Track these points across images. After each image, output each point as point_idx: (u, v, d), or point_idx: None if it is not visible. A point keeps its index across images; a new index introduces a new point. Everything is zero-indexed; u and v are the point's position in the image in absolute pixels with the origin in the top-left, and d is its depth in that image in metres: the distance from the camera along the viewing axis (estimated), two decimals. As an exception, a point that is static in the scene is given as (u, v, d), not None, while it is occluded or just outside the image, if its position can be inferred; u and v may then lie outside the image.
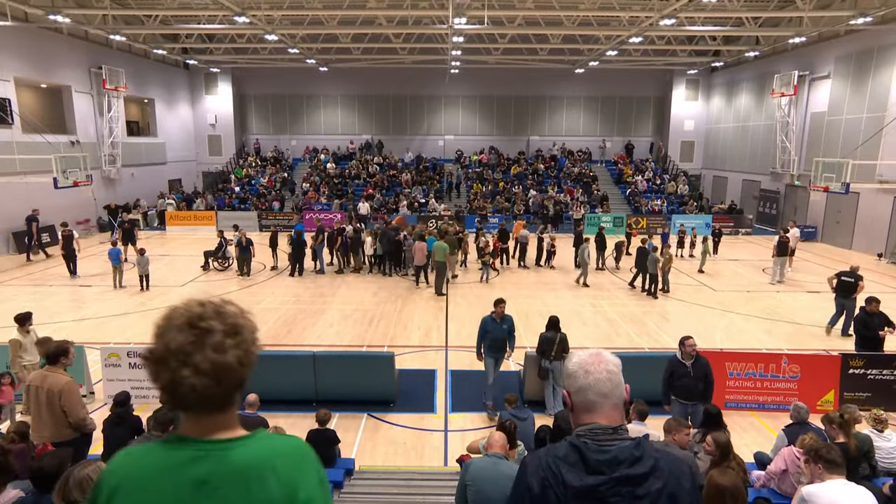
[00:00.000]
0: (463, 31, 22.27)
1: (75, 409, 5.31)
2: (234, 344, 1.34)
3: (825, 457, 3.88)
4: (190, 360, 1.29)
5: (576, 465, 1.72)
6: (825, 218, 24.09)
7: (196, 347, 1.30)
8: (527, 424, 6.35)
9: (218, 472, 1.29)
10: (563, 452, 1.75)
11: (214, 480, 1.28)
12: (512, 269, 18.90)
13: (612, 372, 1.81)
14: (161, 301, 14.65)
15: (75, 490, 3.15)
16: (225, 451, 1.31)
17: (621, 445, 1.72)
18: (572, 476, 1.70)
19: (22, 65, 21.41)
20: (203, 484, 1.28)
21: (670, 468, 1.73)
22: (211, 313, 1.36)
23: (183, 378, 1.28)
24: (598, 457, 1.70)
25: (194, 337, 1.31)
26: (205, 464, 1.29)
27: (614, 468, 1.69)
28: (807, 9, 19.78)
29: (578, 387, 1.81)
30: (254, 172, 32.63)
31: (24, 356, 8.06)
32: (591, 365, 1.82)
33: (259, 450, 1.34)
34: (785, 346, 11.24)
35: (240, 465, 1.30)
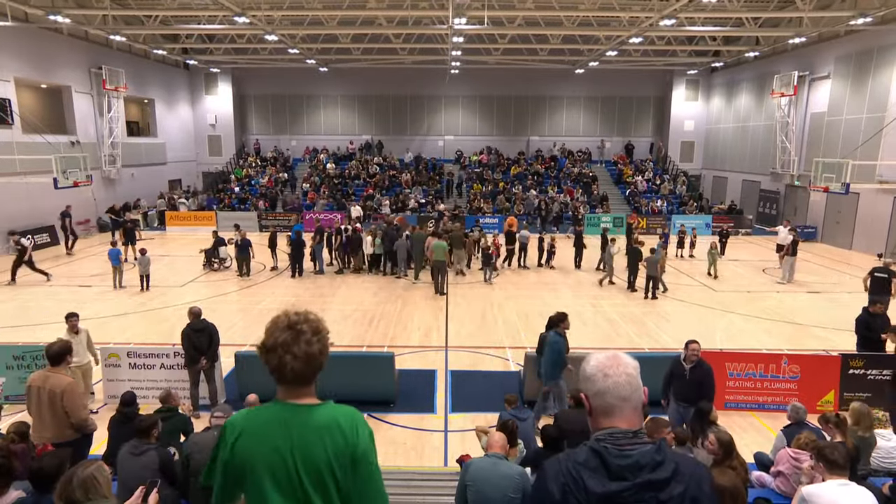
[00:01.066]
0: (463, 31, 22.27)
1: (77, 409, 5.31)
2: (317, 340, 1.99)
3: (828, 457, 3.88)
4: (290, 350, 1.92)
5: (597, 470, 1.69)
6: (825, 218, 24.09)
7: (294, 342, 1.93)
8: (527, 424, 6.35)
9: (305, 425, 1.94)
10: (584, 458, 1.73)
11: (306, 430, 1.93)
12: (513, 269, 18.90)
13: (630, 375, 1.79)
14: (161, 301, 14.65)
15: (79, 490, 3.15)
16: (308, 413, 1.96)
17: (642, 450, 1.70)
18: (594, 482, 1.68)
19: (22, 65, 21.41)
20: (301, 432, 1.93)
21: (691, 472, 1.71)
22: (302, 319, 2.00)
23: (286, 362, 1.92)
24: (620, 462, 1.68)
25: (292, 335, 1.95)
26: (298, 417, 1.95)
27: (637, 473, 1.67)
28: (807, 9, 19.78)
29: (597, 390, 1.79)
30: (254, 173, 32.63)
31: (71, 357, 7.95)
32: (610, 368, 1.79)
33: (329, 412, 1.99)
34: (785, 347, 11.24)
35: (318, 422, 1.95)
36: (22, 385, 7.71)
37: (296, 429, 1.94)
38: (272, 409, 2.00)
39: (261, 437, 1.95)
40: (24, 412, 5.81)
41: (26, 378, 6.05)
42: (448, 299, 15.22)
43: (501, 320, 13.38)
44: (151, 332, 12.14)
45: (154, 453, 4.78)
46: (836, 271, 18.78)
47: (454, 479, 5.77)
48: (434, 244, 15.95)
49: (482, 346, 11.59)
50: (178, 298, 14.92)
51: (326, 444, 1.92)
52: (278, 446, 1.92)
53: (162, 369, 8.81)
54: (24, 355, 8.79)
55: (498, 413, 6.78)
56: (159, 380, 8.75)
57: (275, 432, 1.94)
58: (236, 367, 8.87)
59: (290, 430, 1.94)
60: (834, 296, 15.61)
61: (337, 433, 1.94)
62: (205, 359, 8.22)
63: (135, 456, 4.73)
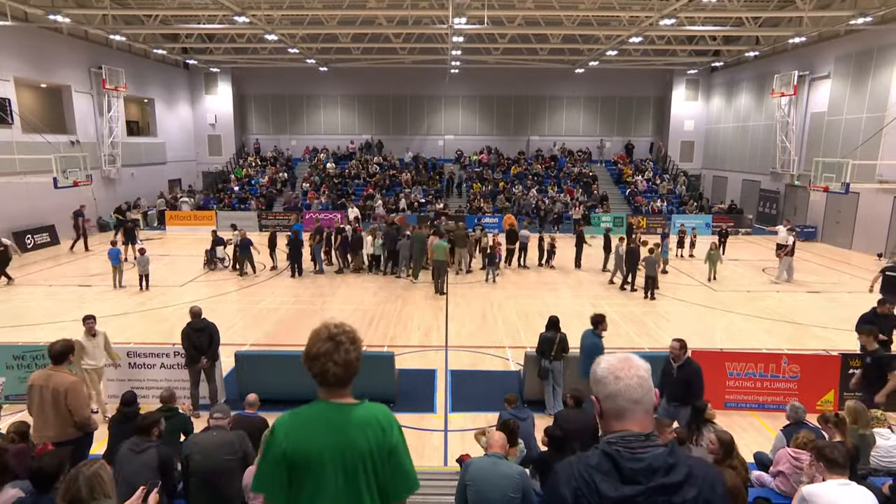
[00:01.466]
0: (463, 30, 22.26)
1: (80, 408, 5.32)
2: (353, 348, 2.26)
3: (828, 456, 3.87)
4: (332, 358, 2.21)
5: (609, 474, 1.68)
6: (825, 218, 24.10)
7: (335, 350, 2.22)
8: (527, 424, 6.35)
9: (346, 422, 2.23)
10: (596, 461, 1.71)
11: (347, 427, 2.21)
12: (513, 269, 18.90)
13: (642, 377, 1.77)
14: (161, 301, 14.65)
15: (84, 488, 3.15)
16: (349, 411, 2.25)
17: (655, 453, 1.68)
18: (607, 486, 1.66)
19: (22, 65, 21.40)
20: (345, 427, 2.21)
21: (703, 475, 1.70)
22: (340, 331, 2.27)
23: (329, 368, 2.21)
24: (632, 465, 1.66)
25: (333, 345, 2.23)
26: (340, 416, 2.24)
27: (650, 477, 1.65)
28: (807, 9, 19.78)
29: (608, 393, 1.77)
30: (254, 172, 32.61)
31: (86, 359, 8.00)
32: (622, 370, 1.77)
33: (368, 410, 2.29)
34: (785, 346, 11.24)
35: (360, 419, 2.24)
36: (22, 385, 7.72)
37: (340, 425, 2.23)
38: (316, 407, 2.28)
39: (309, 433, 2.22)
40: (25, 412, 5.80)
41: (26, 378, 6.05)
42: (448, 299, 15.22)
43: (501, 320, 13.38)
44: (151, 332, 12.14)
45: (154, 451, 4.77)
46: (837, 271, 18.78)
47: (454, 478, 5.77)
48: (435, 244, 15.96)
49: (482, 346, 11.60)
50: (178, 298, 14.92)
51: (368, 437, 2.22)
52: (326, 441, 2.20)
53: (162, 369, 8.82)
54: (24, 355, 8.79)
55: (498, 413, 6.78)
56: (159, 379, 8.75)
57: (321, 428, 2.23)
58: (236, 367, 8.87)
59: (335, 426, 2.23)
60: (834, 296, 15.61)
61: (377, 428, 2.25)
62: (205, 358, 8.22)
63: (135, 453, 4.73)
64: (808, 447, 5.01)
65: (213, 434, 4.68)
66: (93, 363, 8.06)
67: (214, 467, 4.44)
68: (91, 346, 8.08)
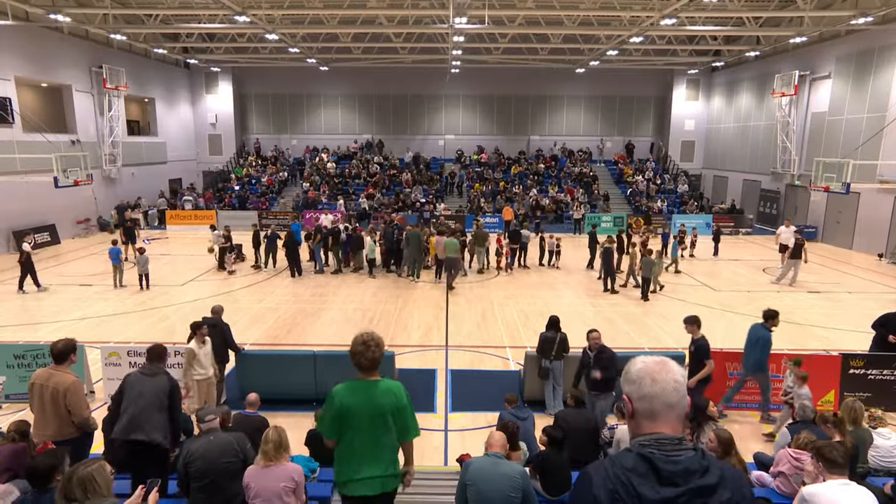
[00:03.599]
0: (463, 30, 22.26)
1: (80, 408, 5.31)
2: (377, 349, 3.73)
3: (827, 456, 3.88)
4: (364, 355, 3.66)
5: (647, 476, 1.67)
6: (825, 218, 24.08)
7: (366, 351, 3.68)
8: (527, 424, 6.36)
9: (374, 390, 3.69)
10: (632, 464, 1.70)
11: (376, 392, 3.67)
12: (515, 269, 18.90)
13: (678, 382, 1.76)
14: (161, 300, 14.66)
15: (78, 489, 3.16)
16: (376, 385, 3.72)
17: (689, 455, 1.69)
18: (646, 488, 1.65)
19: (22, 64, 21.41)
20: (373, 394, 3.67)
21: (734, 477, 1.72)
22: (368, 338, 3.71)
23: (361, 361, 3.69)
24: (670, 468, 1.66)
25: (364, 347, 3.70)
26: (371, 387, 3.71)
27: (688, 479, 1.66)
28: (807, 9, 19.78)
29: (643, 394, 1.76)
30: (254, 172, 32.62)
31: (197, 368, 7.63)
32: (658, 373, 1.76)
33: (387, 384, 3.75)
34: (785, 346, 11.23)
35: (382, 390, 3.71)
36: (23, 384, 7.71)
37: (370, 393, 3.72)
38: (357, 382, 3.77)
39: (353, 397, 3.70)
40: (25, 411, 5.80)
41: (27, 377, 6.04)
42: (448, 299, 15.22)
43: (501, 320, 13.38)
44: (151, 332, 12.14)
45: (165, 378, 5.18)
46: (837, 271, 18.77)
47: (454, 478, 5.77)
48: (446, 241, 16.25)
49: (482, 346, 11.60)
50: (179, 298, 14.93)
51: (389, 400, 3.72)
52: (361, 402, 3.68)
53: (162, 368, 8.81)
54: (24, 354, 8.80)
55: (498, 413, 6.78)
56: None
57: (360, 395, 3.71)
58: (237, 367, 8.88)
59: (367, 393, 3.72)
60: (834, 296, 15.60)
61: (392, 396, 3.74)
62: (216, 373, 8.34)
63: (148, 377, 5.15)
64: (808, 448, 5.00)
65: (211, 439, 4.61)
66: (203, 373, 7.67)
67: (216, 472, 4.46)
68: (202, 353, 7.66)
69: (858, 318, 13.59)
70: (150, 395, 4.99)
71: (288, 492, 4.32)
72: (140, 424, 4.89)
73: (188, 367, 7.65)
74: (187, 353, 7.68)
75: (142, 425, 4.88)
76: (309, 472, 5.64)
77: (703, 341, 7.96)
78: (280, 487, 4.29)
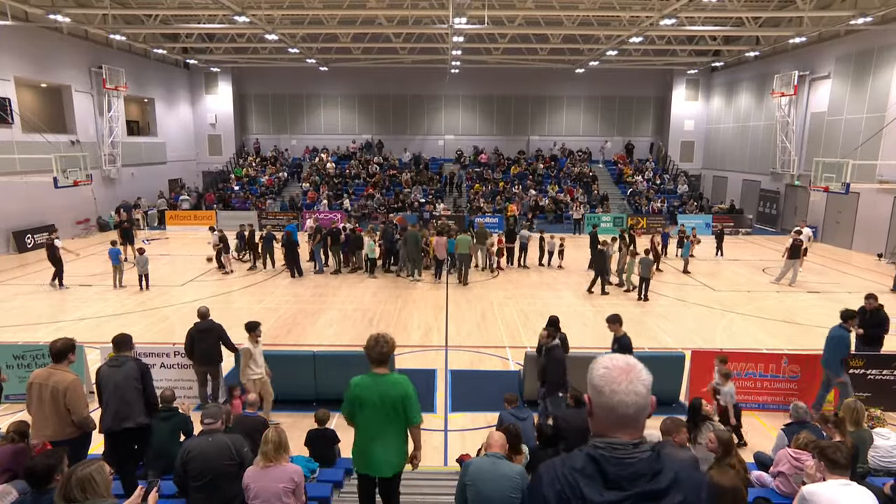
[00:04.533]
0: (463, 30, 22.25)
1: (80, 407, 5.30)
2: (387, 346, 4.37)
3: (830, 457, 3.87)
4: (374, 349, 4.31)
5: (594, 478, 1.66)
6: (825, 218, 24.09)
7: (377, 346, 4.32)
8: (527, 424, 6.35)
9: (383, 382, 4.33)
10: (581, 465, 1.69)
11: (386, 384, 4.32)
12: (514, 269, 18.90)
13: (640, 395, 1.69)
14: (161, 300, 14.65)
15: (76, 489, 3.16)
16: (385, 377, 4.36)
17: (641, 458, 1.66)
18: (591, 490, 1.64)
19: (22, 64, 21.40)
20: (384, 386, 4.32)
21: (689, 480, 1.69)
22: (381, 336, 4.36)
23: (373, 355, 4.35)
24: (617, 471, 1.65)
25: (375, 343, 4.33)
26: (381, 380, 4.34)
27: (634, 483, 1.63)
28: (807, 9, 19.78)
29: (602, 403, 1.71)
30: (254, 172, 32.61)
31: (253, 367, 7.64)
32: (620, 384, 1.69)
33: (396, 378, 4.38)
34: (785, 346, 11.24)
35: (391, 381, 4.35)
36: (22, 384, 7.69)
37: (381, 385, 4.33)
38: (369, 375, 4.38)
39: (366, 387, 4.35)
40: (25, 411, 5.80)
41: (27, 377, 6.04)
42: (448, 299, 15.22)
43: (501, 320, 13.38)
44: (151, 332, 12.14)
45: (133, 363, 5.60)
46: (837, 271, 18.78)
47: (454, 478, 5.77)
48: (459, 238, 16.79)
49: (482, 346, 11.60)
50: (178, 298, 14.93)
51: (396, 391, 4.32)
52: (374, 392, 4.31)
53: (162, 368, 8.81)
54: (24, 354, 8.79)
55: (498, 413, 6.78)
56: (159, 379, 8.72)
57: (372, 386, 4.34)
58: (237, 367, 8.86)
59: (379, 385, 4.33)
60: (834, 296, 15.60)
61: (400, 387, 4.35)
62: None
63: (116, 368, 5.46)
64: (808, 448, 5.00)
65: (209, 440, 4.59)
66: (259, 372, 7.72)
67: (214, 473, 4.45)
68: (258, 353, 7.69)
69: (858, 318, 13.61)
70: (125, 385, 5.44)
71: (287, 492, 4.31)
72: (127, 414, 5.41)
73: (245, 367, 7.66)
74: (244, 354, 7.69)
75: (128, 414, 5.41)
76: (308, 472, 5.64)
77: (626, 339, 8.14)
78: (280, 488, 4.29)
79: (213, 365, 8.33)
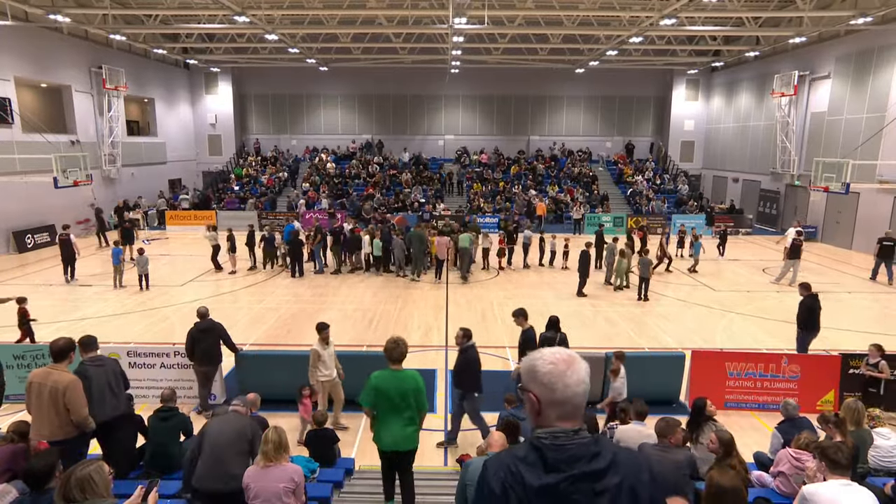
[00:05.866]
0: (463, 30, 22.25)
1: (79, 406, 5.30)
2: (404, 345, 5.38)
3: (831, 457, 3.87)
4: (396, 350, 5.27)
5: (535, 464, 1.72)
6: (825, 218, 24.09)
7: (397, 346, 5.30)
8: (526, 424, 6.33)
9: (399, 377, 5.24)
10: (523, 453, 1.76)
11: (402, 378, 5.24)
12: (516, 269, 18.89)
13: (586, 383, 1.78)
14: (161, 300, 14.65)
15: (76, 489, 3.16)
16: (402, 372, 5.29)
17: (580, 442, 1.73)
18: (531, 475, 1.70)
19: (22, 64, 21.40)
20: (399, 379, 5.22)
21: (629, 462, 1.74)
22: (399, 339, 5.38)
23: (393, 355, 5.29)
24: (556, 455, 1.71)
25: (395, 345, 5.29)
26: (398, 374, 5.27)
27: (572, 465, 1.69)
28: (807, 9, 19.78)
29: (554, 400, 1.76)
30: (254, 172, 32.61)
31: (322, 369, 7.62)
32: (570, 377, 1.75)
33: (410, 373, 5.33)
34: (785, 346, 11.23)
35: (406, 376, 5.28)
36: (22, 384, 7.69)
37: (398, 379, 5.17)
38: (387, 370, 5.22)
39: (385, 380, 5.16)
40: (24, 411, 5.80)
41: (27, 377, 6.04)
42: (448, 299, 15.21)
43: (501, 320, 13.37)
44: (151, 332, 12.14)
45: (112, 361, 6.11)
46: (837, 271, 18.78)
47: (454, 478, 5.77)
48: (461, 236, 17.03)
49: (482, 346, 11.48)
50: (179, 298, 14.92)
51: (410, 384, 5.17)
52: (390, 384, 5.13)
53: (162, 368, 8.82)
54: (24, 355, 8.79)
55: (498, 413, 6.78)
56: (159, 379, 8.75)
57: (390, 379, 5.16)
58: (237, 367, 8.87)
59: (396, 379, 5.17)
60: (834, 296, 15.60)
61: (413, 381, 5.21)
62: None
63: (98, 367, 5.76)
64: (809, 448, 5.00)
65: (230, 417, 5.09)
66: (328, 374, 7.70)
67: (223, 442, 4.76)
68: (327, 355, 7.69)
69: (858, 319, 13.62)
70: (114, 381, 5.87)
71: (287, 492, 4.32)
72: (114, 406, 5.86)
73: (313, 368, 7.64)
74: (312, 354, 7.69)
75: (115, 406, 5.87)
76: (308, 472, 5.64)
77: (530, 332, 8.28)
78: (280, 488, 4.29)
79: (213, 365, 8.32)
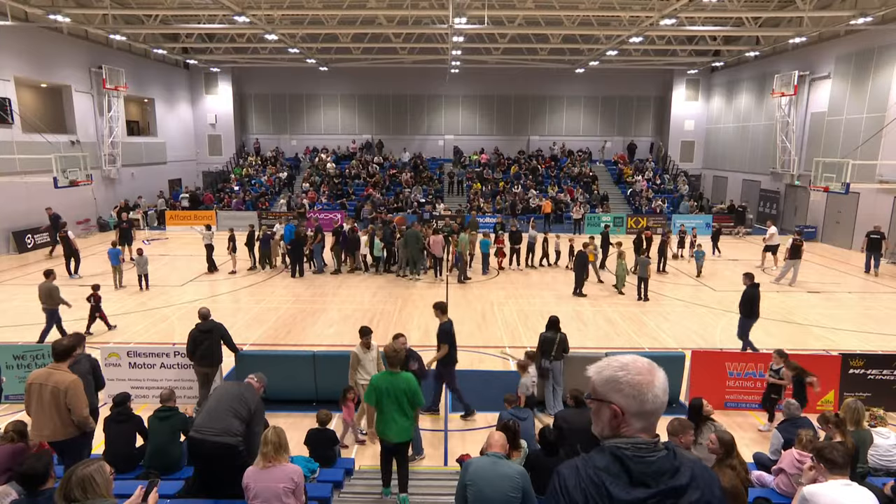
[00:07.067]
0: (463, 30, 22.25)
1: (80, 406, 5.30)
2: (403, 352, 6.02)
3: (827, 457, 3.87)
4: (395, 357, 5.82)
5: (619, 476, 1.69)
6: (825, 218, 24.09)
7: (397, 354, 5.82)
8: (527, 424, 6.36)
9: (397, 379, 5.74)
10: (605, 463, 1.72)
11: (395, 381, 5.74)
12: (517, 270, 18.89)
13: (666, 392, 1.77)
14: (161, 301, 14.66)
15: (77, 489, 3.16)
16: (398, 374, 5.79)
17: (661, 456, 1.71)
18: (617, 488, 1.67)
19: (22, 64, 21.40)
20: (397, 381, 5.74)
21: (704, 477, 1.74)
22: (398, 345, 6.43)
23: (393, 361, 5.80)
24: (642, 468, 1.68)
25: (394, 352, 5.84)
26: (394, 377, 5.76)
27: (658, 480, 1.67)
28: (807, 9, 19.78)
29: (645, 411, 1.74)
30: (254, 172, 32.61)
31: (361, 372, 7.63)
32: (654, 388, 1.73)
33: (405, 375, 5.82)
34: (785, 346, 11.22)
35: (401, 378, 5.77)
36: (22, 385, 7.69)
37: (394, 380, 5.70)
38: (388, 373, 5.77)
39: (383, 381, 5.71)
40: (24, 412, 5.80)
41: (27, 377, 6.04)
42: (448, 299, 15.21)
43: (501, 320, 13.38)
44: (151, 332, 12.14)
45: (85, 360, 6.35)
46: (837, 271, 18.77)
47: (454, 478, 5.78)
48: (460, 237, 17.13)
49: (482, 346, 11.59)
50: (178, 298, 14.92)
51: (404, 385, 5.69)
52: (388, 384, 5.68)
53: (162, 368, 8.81)
54: (24, 355, 8.79)
55: (498, 413, 6.78)
56: (159, 379, 8.75)
57: (388, 381, 5.70)
58: (236, 367, 8.87)
59: (392, 381, 5.69)
60: (834, 296, 15.61)
61: (406, 382, 5.72)
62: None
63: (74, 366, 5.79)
64: (809, 448, 5.00)
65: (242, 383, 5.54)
66: (368, 378, 7.53)
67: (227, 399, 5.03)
68: (367, 359, 7.76)
69: (858, 318, 13.62)
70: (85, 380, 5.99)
71: (287, 492, 4.31)
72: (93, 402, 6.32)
73: (353, 371, 7.70)
74: (352, 357, 7.74)
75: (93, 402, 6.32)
76: (308, 472, 5.64)
77: (447, 325, 8.35)
78: (279, 488, 4.29)
79: (213, 366, 8.32)
